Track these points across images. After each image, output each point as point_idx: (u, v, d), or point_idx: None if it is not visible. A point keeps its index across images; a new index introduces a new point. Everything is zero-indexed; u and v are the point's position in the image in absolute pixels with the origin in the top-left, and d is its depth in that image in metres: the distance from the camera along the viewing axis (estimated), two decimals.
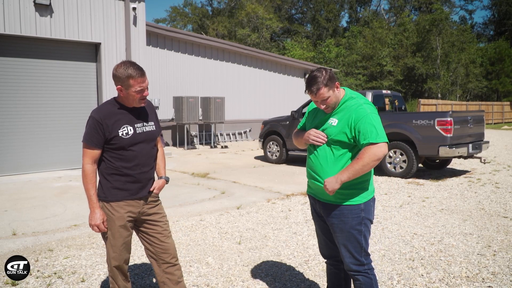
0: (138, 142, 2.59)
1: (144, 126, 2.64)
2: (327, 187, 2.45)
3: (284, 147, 10.76)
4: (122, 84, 2.49)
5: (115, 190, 2.58)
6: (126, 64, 2.50)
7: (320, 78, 2.47)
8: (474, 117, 8.91)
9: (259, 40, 40.60)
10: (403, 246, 4.46)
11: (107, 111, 2.55)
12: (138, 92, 2.51)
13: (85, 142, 2.53)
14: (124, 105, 2.59)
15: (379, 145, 2.39)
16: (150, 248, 2.75)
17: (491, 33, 52.38)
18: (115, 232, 2.60)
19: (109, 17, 9.76)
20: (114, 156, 2.56)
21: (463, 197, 6.89)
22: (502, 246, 4.44)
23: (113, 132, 2.51)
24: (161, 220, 2.77)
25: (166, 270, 2.76)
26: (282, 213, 5.86)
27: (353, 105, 2.50)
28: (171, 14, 51.29)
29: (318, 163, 2.58)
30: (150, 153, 2.70)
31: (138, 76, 2.48)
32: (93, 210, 2.54)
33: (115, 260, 2.65)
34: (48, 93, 9.26)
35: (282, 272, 3.80)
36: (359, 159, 2.39)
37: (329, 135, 2.52)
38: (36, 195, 6.95)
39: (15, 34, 8.56)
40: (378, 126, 2.44)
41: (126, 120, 2.57)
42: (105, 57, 9.73)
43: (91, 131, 2.51)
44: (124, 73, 2.47)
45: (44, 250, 4.33)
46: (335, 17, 49.38)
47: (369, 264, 2.61)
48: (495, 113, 33.08)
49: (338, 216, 2.55)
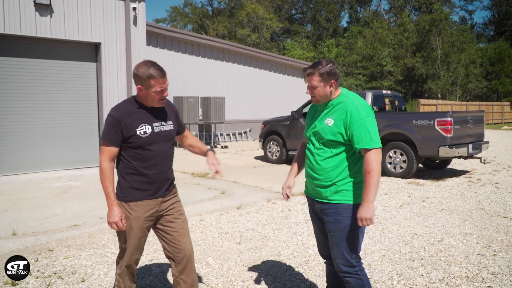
0: (155, 141, 2.59)
1: (162, 126, 2.63)
2: (365, 217, 2.37)
3: (284, 147, 10.75)
4: (142, 83, 2.48)
5: (133, 190, 2.58)
6: (147, 64, 2.48)
7: (320, 66, 2.50)
8: (474, 117, 8.91)
9: (259, 40, 40.59)
10: (403, 246, 4.46)
11: (125, 110, 2.54)
12: (158, 92, 2.51)
13: (103, 140, 2.54)
14: (143, 104, 2.59)
15: (377, 151, 2.41)
16: (167, 247, 2.74)
17: (491, 33, 52.39)
18: (130, 232, 2.60)
19: (109, 17, 9.75)
20: (131, 155, 2.56)
21: (463, 197, 6.89)
22: (502, 246, 4.44)
23: (131, 130, 2.51)
24: (179, 218, 2.75)
25: (182, 271, 2.73)
26: (282, 213, 5.86)
27: (348, 107, 2.49)
28: (171, 14, 51.33)
29: (315, 162, 2.59)
30: (168, 153, 2.70)
31: (159, 76, 2.47)
32: (111, 208, 2.52)
33: (126, 259, 2.65)
34: (48, 93, 9.26)
35: (282, 272, 3.80)
36: (370, 172, 2.37)
37: (325, 135, 2.53)
38: (36, 195, 6.95)
39: (15, 34, 8.56)
40: (373, 131, 2.43)
41: (144, 119, 2.56)
42: (105, 57, 9.73)
43: (109, 129, 2.51)
44: (145, 73, 2.45)
45: (44, 250, 4.33)
46: (335, 17, 49.36)
47: (360, 265, 2.60)
48: (495, 113, 33.07)
49: (334, 215, 2.55)
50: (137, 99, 2.60)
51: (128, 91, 9.91)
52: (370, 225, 2.41)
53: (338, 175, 2.52)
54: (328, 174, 2.53)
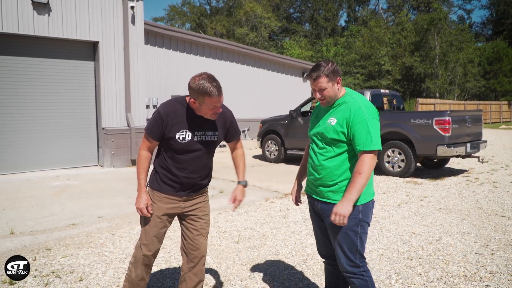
0: (193, 149, 2.58)
1: (205, 135, 2.61)
2: (340, 213, 2.36)
3: (283, 146, 10.76)
4: (196, 98, 2.43)
5: (161, 183, 2.65)
6: (204, 78, 2.38)
7: (324, 67, 2.48)
8: (472, 117, 8.92)
9: (257, 39, 40.56)
10: (401, 245, 4.47)
11: (173, 109, 2.55)
12: (211, 109, 2.47)
13: (146, 131, 2.60)
14: (192, 109, 2.54)
15: (374, 157, 2.41)
16: (184, 242, 2.80)
17: (489, 32, 52.48)
18: (151, 220, 2.67)
19: (107, 16, 9.73)
20: (167, 153, 2.61)
21: (461, 196, 6.90)
22: (500, 245, 4.45)
23: (171, 132, 2.53)
24: (203, 218, 2.79)
25: (192, 268, 2.78)
26: (281, 212, 5.86)
27: (352, 106, 2.48)
28: (170, 13, 51.26)
29: (318, 161, 2.58)
30: (203, 163, 2.67)
31: (215, 95, 2.39)
32: (140, 194, 2.62)
33: (146, 248, 2.68)
34: (46, 92, 9.24)
35: (281, 271, 3.81)
36: (361, 173, 2.37)
37: (328, 133, 2.52)
38: (34, 194, 6.93)
39: (13, 33, 8.53)
40: (374, 133, 2.42)
41: (188, 124, 2.54)
42: (103, 55, 9.70)
43: (153, 123, 2.56)
44: (201, 88, 2.37)
45: (42, 249, 4.32)
46: (333, 16, 49.36)
47: (364, 266, 2.59)
48: (493, 112, 33.15)
49: None
50: (188, 100, 2.56)
51: (126, 90, 9.89)
52: (342, 224, 2.38)
53: (340, 175, 2.52)
54: (331, 173, 2.53)
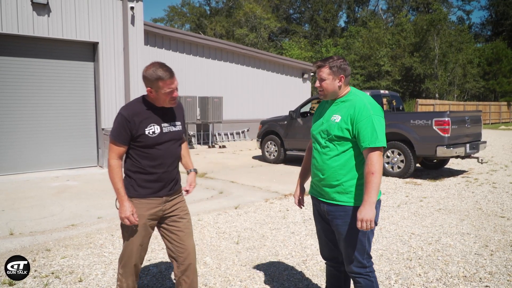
0: (164, 141, 2.62)
1: (170, 126, 2.67)
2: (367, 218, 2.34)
3: (282, 147, 10.76)
4: (151, 86, 2.51)
5: (138, 188, 2.61)
6: (155, 65, 2.52)
7: (331, 60, 2.48)
8: (471, 117, 8.93)
9: (257, 40, 40.58)
10: (400, 245, 4.47)
11: (135, 109, 2.57)
12: (168, 93, 2.53)
13: (112, 138, 2.57)
14: (152, 104, 2.61)
15: (380, 153, 2.38)
16: (170, 246, 2.76)
17: (489, 33, 52.54)
18: (134, 230, 2.63)
19: (107, 17, 9.73)
20: (139, 154, 2.59)
21: (461, 197, 6.91)
22: (499, 245, 4.45)
23: (140, 130, 2.54)
24: (184, 218, 2.78)
25: (184, 271, 2.76)
26: (280, 213, 5.86)
27: (357, 103, 2.46)
28: (169, 14, 51.30)
29: (321, 161, 2.55)
30: (175, 153, 2.72)
31: (167, 78, 2.49)
32: (122, 203, 2.56)
33: (134, 258, 2.66)
34: (45, 92, 9.23)
35: (280, 271, 3.81)
36: (374, 173, 2.33)
37: (332, 130, 2.49)
38: (33, 194, 6.93)
39: (13, 34, 8.53)
40: (379, 130, 2.39)
41: (153, 119, 2.59)
42: (103, 56, 9.70)
43: (118, 127, 2.54)
44: (153, 75, 2.48)
45: (41, 250, 4.32)
46: (333, 17, 49.42)
47: (371, 266, 2.59)
48: (492, 113, 33.16)
49: (343, 217, 2.51)
50: (147, 98, 2.62)
51: (125, 91, 9.89)
52: (371, 228, 2.36)
53: (345, 174, 2.48)
54: (335, 173, 2.49)
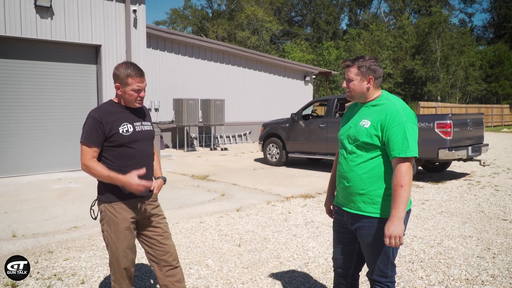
0: (137, 140, 2.64)
1: (142, 125, 2.69)
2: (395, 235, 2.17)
3: (284, 149, 10.76)
4: (120, 82, 2.56)
5: (115, 191, 2.56)
6: (127, 64, 2.60)
7: (361, 60, 2.35)
8: (473, 120, 8.92)
9: (259, 42, 40.64)
10: (402, 248, 4.46)
11: (106, 110, 2.59)
12: (136, 91, 2.57)
13: (84, 141, 2.52)
14: (122, 105, 2.65)
15: (410, 165, 2.21)
16: (151, 251, 2.76)
17: (491, 36, 52.49)
18: (119, 235, 2.59)
19: (109, 20, 9.78)
20: (114, 155, 2.57)
21: (463, 199, 6.90)
22: (501, 248, 4.44)
23: (114, 129, 2.54)
24: (161, 222, 2.79)
25: (167, 273, 2.75)
26: (282, 216, 5.86)
27: (389, 108, 2.30)
28: (171, 16, 51.42)
29: (348, 167, 2.40)
30: (149, 152, 2.75)
31: (136, 75, 2.55)
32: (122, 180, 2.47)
33: (123, 262, 2.64)
34: (48, 95, 9.27)
35: (282, 274, 3.81)
36: (403, 186, 2.17)
37: (360, 136, 2.33)
38: (36, 196, 6.95)
39: (16, 36, 8.57)
40: (411, 138, 2.22)
41: (125, 118, 2.62)
42: (105, 59, 9.75)
43: (90, 130, 2.52)
44: (123, 71, 2.55)
45: (44, 252, 4.33)
46: (335, 19, 49.47)
47: (393, 276, 2.47)
48: (494, 115, 33.09)
49: (368, 229, 2.37)
50: (115, 101, 2.67)
51: None
52: (400, 245, 2.20)
53: (372, 184, 2.32)
54: (361, 181, 2.34)
